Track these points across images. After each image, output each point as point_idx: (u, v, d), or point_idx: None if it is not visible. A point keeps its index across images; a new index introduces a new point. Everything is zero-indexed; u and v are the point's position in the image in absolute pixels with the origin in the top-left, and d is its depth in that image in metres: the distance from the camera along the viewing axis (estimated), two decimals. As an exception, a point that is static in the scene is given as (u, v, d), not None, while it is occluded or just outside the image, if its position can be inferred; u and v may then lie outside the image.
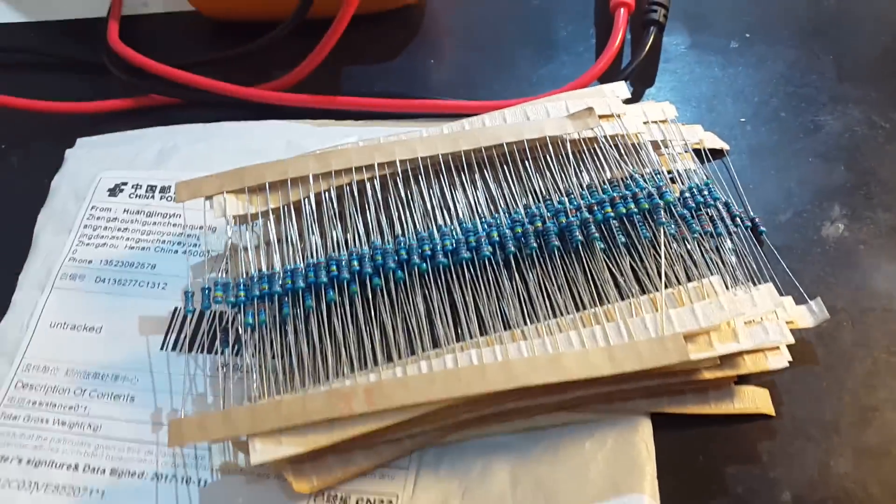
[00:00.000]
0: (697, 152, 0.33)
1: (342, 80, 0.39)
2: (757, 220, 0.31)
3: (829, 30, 0.39)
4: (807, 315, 0.28)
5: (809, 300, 0.28)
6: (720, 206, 0.30)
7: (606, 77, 0.36)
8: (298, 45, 0.37)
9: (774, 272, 0.29)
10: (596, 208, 0.28)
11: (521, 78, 0.39)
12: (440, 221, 0.29)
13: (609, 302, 0.26)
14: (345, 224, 0.29)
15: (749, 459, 0.26)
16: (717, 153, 0.34)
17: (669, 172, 0.31)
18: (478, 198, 0.29)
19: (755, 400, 0.27)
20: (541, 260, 0.28)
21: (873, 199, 0.32)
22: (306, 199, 0.29)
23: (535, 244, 0.27)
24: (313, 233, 0.28)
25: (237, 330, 0.28)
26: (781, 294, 0.28)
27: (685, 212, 0.29)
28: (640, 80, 0.37)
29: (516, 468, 0.25)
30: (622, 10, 0.37)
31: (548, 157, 0.30)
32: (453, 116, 0.34)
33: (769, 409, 0.26)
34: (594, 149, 0.30)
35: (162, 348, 0.29)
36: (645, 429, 0.26)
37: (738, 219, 0.30)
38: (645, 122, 0.32)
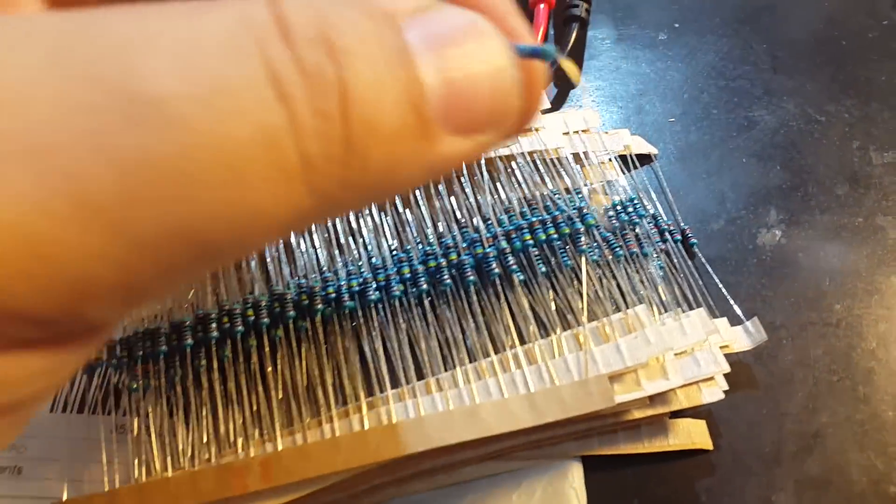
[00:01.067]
0: (625, 159, 0.31)
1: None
2: (688, 230, 0.29)
3: (762, 16, 0.37)
4: (743, 337, 0.26)
5: (745, 320, 0.26)
6: (645, 223, 0.28)
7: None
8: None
9: (708, 289, 0.27)
10: (514, 235, 0.26)
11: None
12: (346, 255, 0.26)
13: (530, 341, 0.24)
14: (239, 265, 0.26)
15: (687, 499, 0.24)
16: (645, 158, 0.32)
17: (593, 186, 0.29)
18: (385, 224, 0.27)
19: (691, 434, 0.25)
20: (457, 297, 0.25)
21: (811, 201, 0.30)
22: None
23: (449, 281, 0.25)
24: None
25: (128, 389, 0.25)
26: (715, 315, 0.26)
27: (609, 234, 0.27)
28: (565, 79, 0.35)
29: None
30: (542, 6, 0.34)
31: (461, 178, 0.28)
32: None
33: (706, 443, 0.25)
34: (511, 167, 0.28)
35: (52, 410, 0.26)
36: (575, 474, 0.24)
37: (666, 233, 0.28)
38: (566, 133, 0.30)
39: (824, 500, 0.24)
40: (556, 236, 0.26)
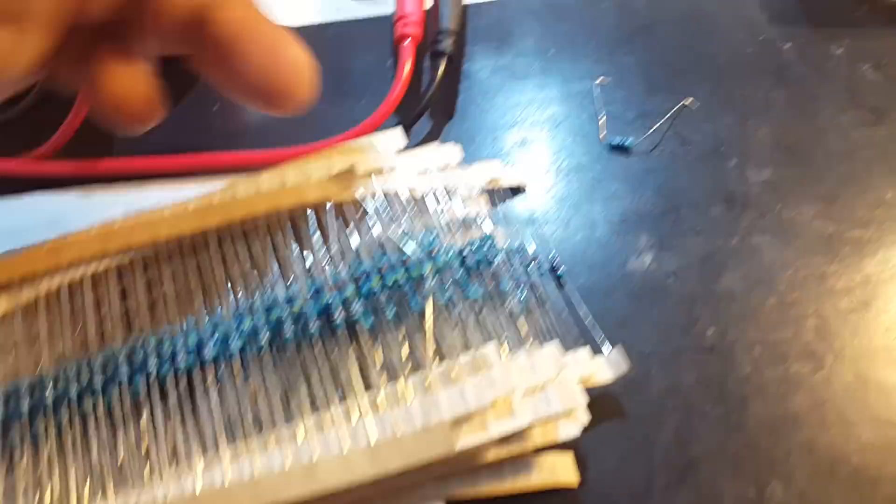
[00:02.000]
0: (495, 192, 0.30)
1: (116, 138, 0.35)
2: (556, 261, 0.28)
3: (637, 38, 0.37)
4: (605, 368, 0.25)
5: (610, 347, 0.25)
6: (508, 258, 0.27)
7: (404, 112, 0.33)
8: (68, 108, 0.32)
9: (576, 320, 0.26)
10: (362, 280, 0.25)
11: (315, 120, 0.35)
12: (187, 312, 0.25)
13: (377, 387, 0.23)
14: (76, 325, 0.25)
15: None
16: (517, 189, 0.31)
17: (452, 224, 0.28)
18: (231, 276, 0.26)
19: (555, 470, 0.23)
20: (301, 347, 0.24)
21: (683, 225, 0.30)
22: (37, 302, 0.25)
23: (290, 334, 0.24)
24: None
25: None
26: (582, 344, 0.25)
27: (461, 273, 0.26)
28: (441, 113, 0.34)
29: None
30: (407, 41, 0.33)
31: (306, 226, 0.27)
32: (231, 171, 0.31)
33: (571, 479, 0.23)
34: (362, 211, 0.27)
35: None
36: None
37: (531, 266, 0.27)
38: (423, 173, 0.29)
39: (696, 537, 0.23)
40: (403, 280, 0.25)
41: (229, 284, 0.25)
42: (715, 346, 0.26)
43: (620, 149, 0.32)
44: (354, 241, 0.26)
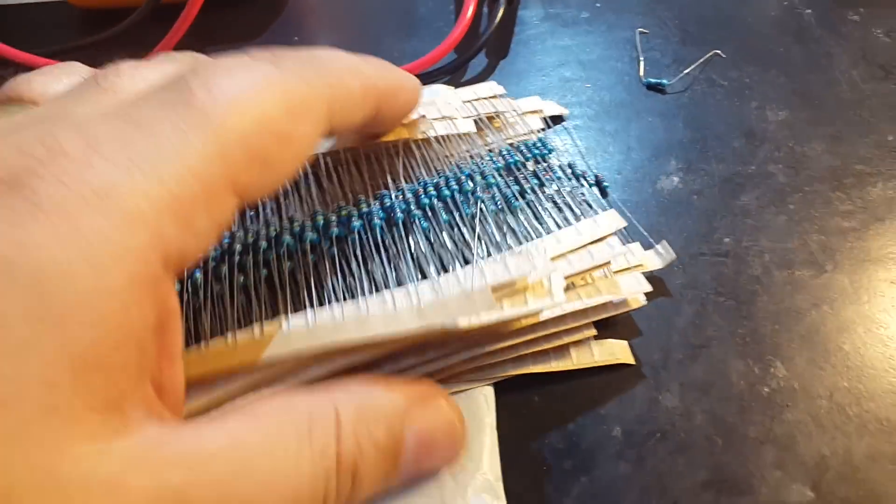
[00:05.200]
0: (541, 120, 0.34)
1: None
2: (600, 176, 0.32)
3: (675, -3, 0.40)
4: (654, 258, 0.29)
5: (655, 244, 0.29)
6: (558, 167, 0.30)
7: (462, 48, 0.37)
8: (166, 29, 0.36)
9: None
10: (421, 194, 0.28)
11: (385, 55, 0.39)
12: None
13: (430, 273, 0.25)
14: None
15: (582, 396, 0.27)
16: (558, 119, 0.35)
17: (511, 143, 0.31)
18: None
19: (614, 352, 0.27)
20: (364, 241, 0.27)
21: (709, 153, 0.33)
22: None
23: (357, 223, 0.26)
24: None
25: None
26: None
27: (510, 186, 0.29)
28: (496, 52, 0.38)
29: None
30: (470, -15, 0.37)
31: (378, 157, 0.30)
32: None
33: (629, 358, 0.27)
34: (427, 151, 0.30)
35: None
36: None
37: (581, 178, 0.31)
38: (472, 101, 0.32)
39: (706, 399, 0.26)
40: (457, 189, 0.28)
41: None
42: (730, 252, 0.30)
43: (656, 88, 0.36)
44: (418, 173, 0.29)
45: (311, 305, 0.25)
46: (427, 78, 0.37)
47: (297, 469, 0.16)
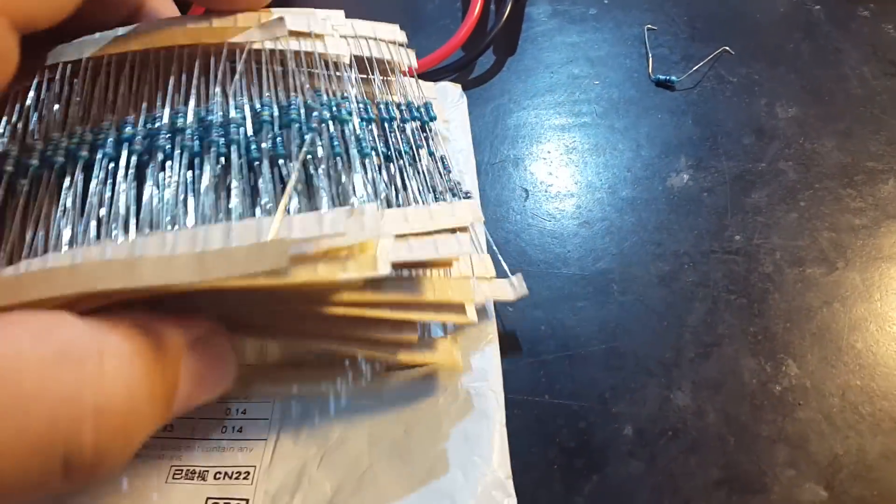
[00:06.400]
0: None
1: None
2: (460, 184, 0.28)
3: (683, -7, 0.40)
4: (507, 289, 0.27)
5: (511, 277, 0.27)
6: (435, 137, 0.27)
7: (470, 46, 0.37)
8: None
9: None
10: (261, 113, 0.23)
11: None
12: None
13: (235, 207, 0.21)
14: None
15: (593, 394, 0.26)
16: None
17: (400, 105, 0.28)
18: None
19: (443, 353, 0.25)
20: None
21: (719, 150, 0.33)
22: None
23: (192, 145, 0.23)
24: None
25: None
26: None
27: (364, 130, 0.25)
28: (503, 49, 0.38)
29: (374, 428, 0.25)
30: (480, -20, 0.37)
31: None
32: None
33: (455, 365, 0.25)
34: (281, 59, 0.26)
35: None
36: (495, 378, 0.26)
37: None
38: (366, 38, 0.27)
39: (718, 397, 0.26)
40: (298, 119, 0.23)
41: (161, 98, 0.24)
42: (741, 249, 0.30)
43: (665, 85, 0.35)
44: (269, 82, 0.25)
45: (77, 242, 0.21)
46: (434, 75, 0.37)
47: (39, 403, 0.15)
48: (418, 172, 0.26)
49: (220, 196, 0.22)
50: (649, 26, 0.38)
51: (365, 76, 0.27)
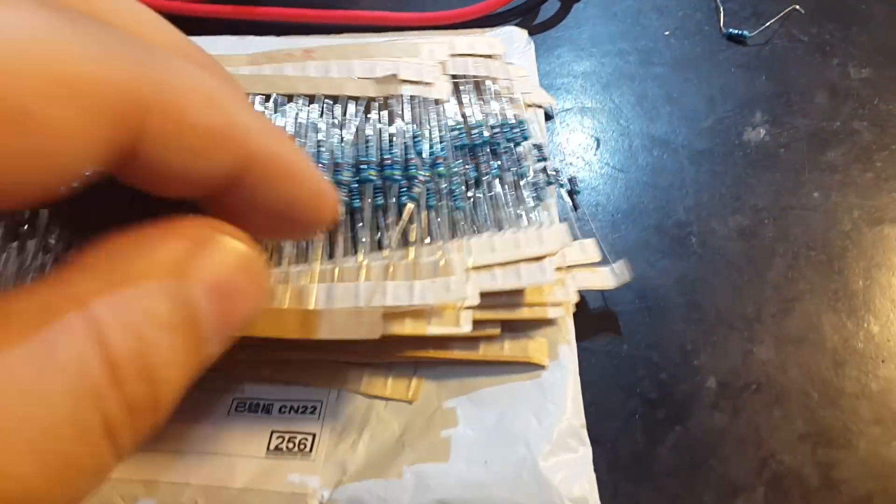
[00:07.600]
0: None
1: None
2: (575, 179, 0.29)
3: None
4: (609, 277, 0.26)
5: (612, 265, 0.26)
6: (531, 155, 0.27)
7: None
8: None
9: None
10: (361, 166, 0.25)
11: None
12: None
13: (338, 260, 0.23)
14: None
15: (674, 346, 0.26)
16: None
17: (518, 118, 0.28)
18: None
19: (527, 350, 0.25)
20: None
21: (793, 107, 0.32)
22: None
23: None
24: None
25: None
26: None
27: (458, 186, 0.26)
28: (568, -2, 0.37)
29: (444, 373, 0.24)
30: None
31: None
32: (374, 28, 0.34)
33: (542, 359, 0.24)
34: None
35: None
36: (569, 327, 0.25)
37: (551, 177, 0.28)
38: (463, 56, 0.29)
39: (801, 353, 0.26)
40: (399, 176, 0.25)
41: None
42: (819, 207, 0.29)
43: (737, 40, 0.35)
44: (372, 131, 0.26)
45: None
46: (497, 20, 0.35)
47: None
48: (509, 193, 0.26)
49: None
50: (718, -19, 0.37)
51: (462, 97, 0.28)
